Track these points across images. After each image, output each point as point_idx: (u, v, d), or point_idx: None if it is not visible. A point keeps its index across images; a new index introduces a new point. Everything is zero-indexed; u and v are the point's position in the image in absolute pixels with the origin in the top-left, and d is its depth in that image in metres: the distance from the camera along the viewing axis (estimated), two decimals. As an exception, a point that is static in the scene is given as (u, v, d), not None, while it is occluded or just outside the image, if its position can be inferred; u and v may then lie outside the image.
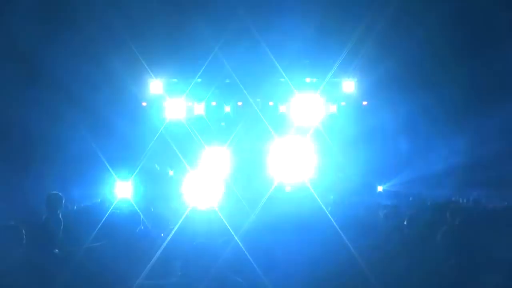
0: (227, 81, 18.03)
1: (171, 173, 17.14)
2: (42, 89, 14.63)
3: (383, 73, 16.52)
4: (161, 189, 12.57)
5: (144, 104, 18.55)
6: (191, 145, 20.85)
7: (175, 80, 17.91)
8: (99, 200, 10.20)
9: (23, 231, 4.54)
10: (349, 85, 17.56)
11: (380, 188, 16.75)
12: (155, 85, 18.05)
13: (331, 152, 18.23)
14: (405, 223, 5.06)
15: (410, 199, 11.62)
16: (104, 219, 5.03)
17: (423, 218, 5.38)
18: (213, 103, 19.33)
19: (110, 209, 6.49)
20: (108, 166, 12.48)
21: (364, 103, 18.50)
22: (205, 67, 16.70)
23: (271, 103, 18.87)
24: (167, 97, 18.27)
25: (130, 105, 18.68)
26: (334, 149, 18.44)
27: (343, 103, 18.76)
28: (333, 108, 19.16)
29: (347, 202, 8.48)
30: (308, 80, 17.94)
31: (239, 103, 19.40)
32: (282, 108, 18.65)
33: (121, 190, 9.67)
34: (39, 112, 14.96)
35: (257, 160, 15.83)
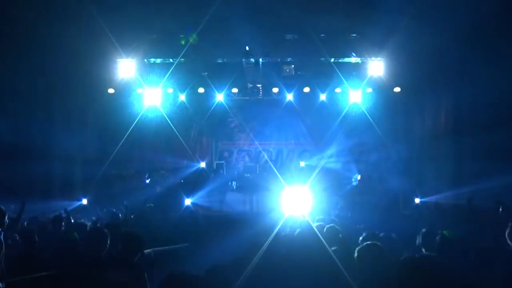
0: (220, 60, 18.27)
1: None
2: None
3: (422, 50, 16.87)
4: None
5: (110, 91, 18.83)
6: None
7: (152, 60, 18.17)
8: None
9: None
10: (377, 67, 17.83)
11: (417, 200, 17.16)
12: (125, 67, 18.25)
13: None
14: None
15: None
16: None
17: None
18: (201, 90, 19.67)
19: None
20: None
21: (396, 89, 18.87)
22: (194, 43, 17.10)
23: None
24: (143, 83, 18.60)
25: (92, 93, 19.03)
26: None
27: (368, 90, 19.17)
28: (356, 97, 19.61)
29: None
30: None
31: None
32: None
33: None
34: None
35: None
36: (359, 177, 18.67)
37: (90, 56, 17.11)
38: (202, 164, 20.32)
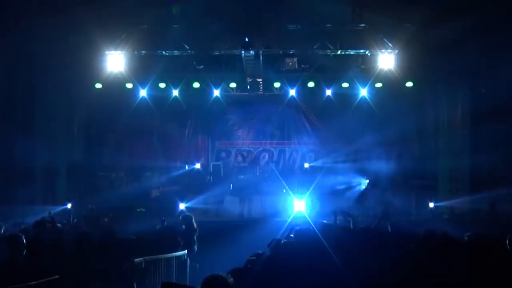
0: (217, 52, 18.27)
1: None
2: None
3: (437, 41, 16.88)
4: None
5: (98, 86, 18.84)
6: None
7: (143, 52, 18.15)
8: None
9: None
10: (387, 59, 17.82)
11: (431, 205, 17.20)
12: (114, 60, 18.25)
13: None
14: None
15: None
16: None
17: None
18: (196, 85, 19.69)
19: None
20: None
21: (408, 84, 18.88)
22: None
23: None
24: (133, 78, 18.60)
25: (78, 88, 19.05)
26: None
27: (378, 85, 19.21)
28: (364, 92, 19.58)
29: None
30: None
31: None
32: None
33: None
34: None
35: None
36: (367, 180, 18.69)
37: (75, 49, 17.13)
38: (197, 166, 20.32)
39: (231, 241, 13.81)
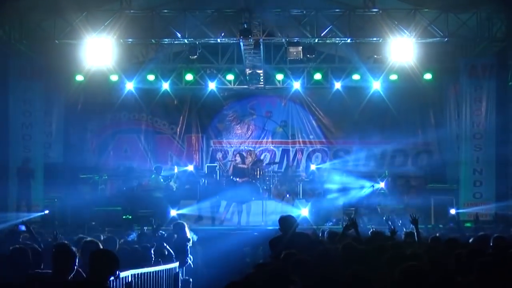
0: (212, 41, 18.23)
1: None
2: None
3: (460, 28, 16.85)
4: None
5: (79, 78, 18.80)
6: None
7: (129, 40, 18.10)
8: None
9: None
10: (403, 49, 17.75)
11: (453, 211, 17.18)
12: (97, 50, 18.14)
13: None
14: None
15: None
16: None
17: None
18: (189, 77, 19.67)
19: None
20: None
21: (427, 76, 18.86)
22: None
23: None
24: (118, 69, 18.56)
25: (57, 81, 18.99)
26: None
27: (393, 77, 19.21)
28: (377, 85, 19.60)
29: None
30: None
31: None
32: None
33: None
34: None
35: None
36: (382, 184, 18.64)
37: (53, 36, 17.11)
38: (190, 167, 20.28)
39: (228, 252, 13.81)
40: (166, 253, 10.81)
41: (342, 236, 9.13)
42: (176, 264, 10.90)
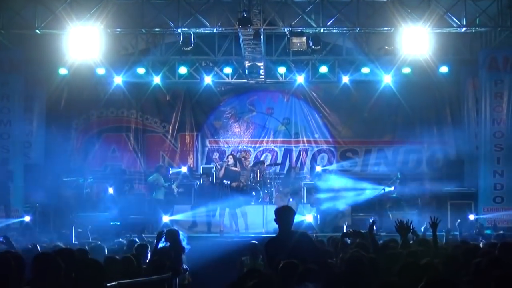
0: (208, 30, 18.21)
1: None
2: None
3: (480, 15, 16.80)
4: None
5: (62, 71, 18.77)
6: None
7: (118, 30, 18.08)
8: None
9: None
10: (416, 39, 17.74)
11: (472, 217, 17.15)
12: (82, 40, 18.14)
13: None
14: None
15: None
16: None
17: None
18: (182, 70, 19.64)
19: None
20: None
21: (443, 69, 18.82)
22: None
23: None
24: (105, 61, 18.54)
25: (39, 74, 18.96)
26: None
27: (406, 70, 19.19)
28: (389, 79, 19.58)
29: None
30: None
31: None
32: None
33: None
34: None
35: None
36: (393, 187, 18.66)
37: (34, 26, 17.06)
38: (184, 169, 20.26)
39: (224, 262, 13.79)
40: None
41: (342, 244, 9.17)
42: (169, 275, 10.86)
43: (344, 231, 12.42)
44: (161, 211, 17.49)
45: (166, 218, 17.21)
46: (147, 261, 10.06)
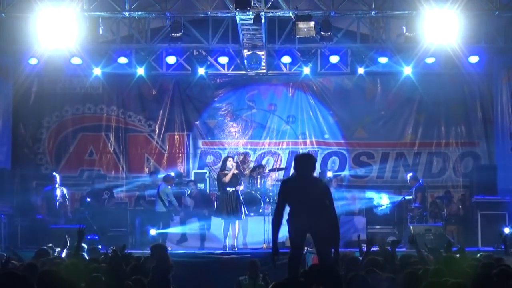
0: (201, 14, 18.26)
1: None
2: None
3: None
4: None
5: (33, 61, 18.79)
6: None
7: (96, 14, 18.13)
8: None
9: None
10: (442, 25, 17.79)
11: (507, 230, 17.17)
12: (55, 25, 18.17)
13: None
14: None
15: None
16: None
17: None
18: (171, 60, 19.67)
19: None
20: None
21: (473, 59, 18.82)
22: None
23: None
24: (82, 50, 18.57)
25: (3, 64, 18.99)
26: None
27: (429, 60, 19.15)
28: (409, 70, 19.57)
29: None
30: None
31: None
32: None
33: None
34: None
35: None
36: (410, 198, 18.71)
37: None
38: (172, 175, 20.28)
39: (219, 283, 13.82)
40: None
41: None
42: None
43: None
44: (146, 222, 17.58)
45: (152, 232, 17.22)
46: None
